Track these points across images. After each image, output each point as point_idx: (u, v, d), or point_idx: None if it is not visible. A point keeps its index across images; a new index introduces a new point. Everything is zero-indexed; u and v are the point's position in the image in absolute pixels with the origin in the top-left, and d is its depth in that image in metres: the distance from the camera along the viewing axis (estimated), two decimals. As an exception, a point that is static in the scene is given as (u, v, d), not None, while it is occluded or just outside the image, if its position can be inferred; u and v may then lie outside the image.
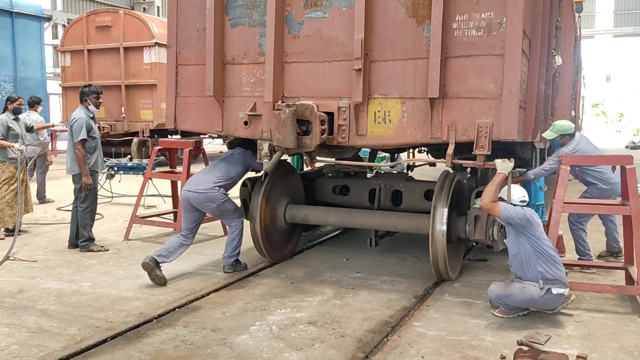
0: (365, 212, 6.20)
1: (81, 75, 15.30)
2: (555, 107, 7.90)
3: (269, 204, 6.10)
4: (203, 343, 4.07)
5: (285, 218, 6.27)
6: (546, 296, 4.48)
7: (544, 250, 4.52)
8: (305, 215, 6.29)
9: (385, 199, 6.55)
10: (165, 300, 5.00)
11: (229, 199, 5.84)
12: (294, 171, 6.75)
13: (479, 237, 5.33)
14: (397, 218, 5.97)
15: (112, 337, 4.16)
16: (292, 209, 6.31)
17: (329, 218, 6.24)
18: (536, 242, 4.53)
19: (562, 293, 4.51)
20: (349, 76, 5.01)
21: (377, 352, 3.99)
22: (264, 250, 6.05)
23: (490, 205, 4.54)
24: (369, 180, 7.03)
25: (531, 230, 4.55)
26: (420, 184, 6.58)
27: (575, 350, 3.94)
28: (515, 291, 4.55)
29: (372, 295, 5.23)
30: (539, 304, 4.54)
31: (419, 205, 6.36)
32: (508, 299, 4.56)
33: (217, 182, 5.69)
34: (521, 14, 4.46)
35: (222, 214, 5.87)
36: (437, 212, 5.24)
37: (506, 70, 4.52)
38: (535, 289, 4.49)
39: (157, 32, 14.70)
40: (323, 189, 7.06)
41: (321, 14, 5.12)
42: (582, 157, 5.55)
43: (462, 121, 4.71)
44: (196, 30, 5.59)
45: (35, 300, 4.93)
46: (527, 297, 4.50)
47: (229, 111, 5.54)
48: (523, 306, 4.59)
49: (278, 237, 6.34)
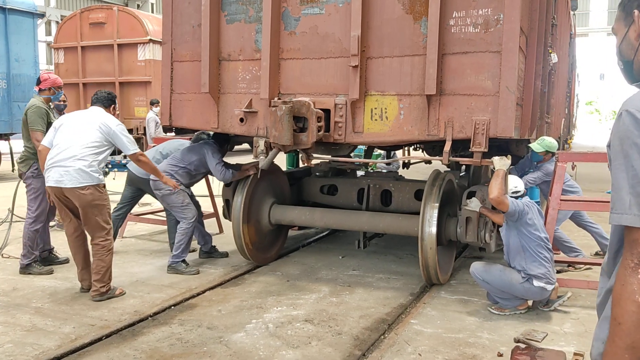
0: (352, 213, 6.02)
1: (75, 72, 15.19)
2: (551, 105, 7.91)
3: (253, 204, 5.93)
4: (199, 341, 4.05)
5: (270, 219, 6.11)
6: (526, 285, 4.53)
7: (531, 247, 4.54)
8: (291, 216, 6.11)
9: (375, 199, 6.37)
10: (161, 298, 4.97)
11: (181, 193, 5.69)
12: (280, 170, 6.53)
13: (470, 239, 5.16)
14: (385, 219, 5.76)
15: (107, 335, 4.13)
16: (277, 209, 6.13)
17: (314, 219, 6.04)
18: (524, 237, 4.55)
19: (544, 287, 4.52)
20: (346, 73, 4.98)
21: (374, 349, 3.98)
22: (247, 253, 5.87)
23: (501, 198, 4.48)
24: (357, 180, 6.81)
25: (524, 226, 4.55)
26: (410, 183, 6.39)
27: (572, 347, 3.95)
28: (495, 272, 4.64)
29: (369, 293, 5.21)
30: (518, 290, 4.57)
31: (409, 205, 6.18)
32: (487, 275, 4.64)
33: (165, 171, 5.63)
34: (518, 11, 4.44)
35: (168, 206, 5.81)
36: (427, 214, 5.08)
37: (503, 67, 4.51)
38: (517, 275, 4.56)
39: (152, 28, 14.62)
40: (310, 189, 6.89)
41: (317, 10, 5.09)
42: (579, 154, 5.55)
43: (459, 118, 4.69)
44: (191, 27, 5.55)
45: (29, 299, 4.89)
46: (507, 281, 4.57)
47: (224, 108, 5.51)
48: (501, 287, 4.62)
49: (262, 238, 6.15)
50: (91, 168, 4.76)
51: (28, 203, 5.64)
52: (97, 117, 4.92)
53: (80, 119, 4.95)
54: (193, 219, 5.74)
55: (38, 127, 5.50)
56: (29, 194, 5.62)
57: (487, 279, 4.67)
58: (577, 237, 6.83)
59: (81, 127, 4.86)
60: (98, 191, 4.81)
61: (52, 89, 5.75)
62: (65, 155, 4.74)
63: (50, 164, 4.80)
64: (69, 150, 4.75)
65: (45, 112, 5.59)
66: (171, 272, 5.67)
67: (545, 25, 6.00)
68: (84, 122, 4.89)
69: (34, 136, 5.49)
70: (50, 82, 5.73)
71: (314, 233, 7.72)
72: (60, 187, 4.73)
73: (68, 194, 4.75)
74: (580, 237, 6.81)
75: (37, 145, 5.44)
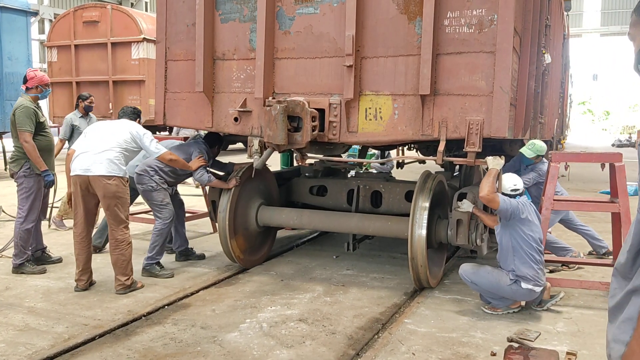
0: (341, 216, 5.90)
1: (68, 70, 15.13)
2: (544, 105, 7.94)
3: (239, 205, 5.80)
4: (193, 341, 4.04)
5: (257, 221, 6.00)
6: (514, 287, 4.54)
7: (522, 248, 4.54)
8: (278, 217, 5.98)
9: (365, 200, 6.27)
10: (154, 297, 4.96)
11: (162, 191, 5.66)
12: (268, 171, 6.38)
13: (461, 242, 5.10)
14: (374, 222, 5.63)
15: (101, 335, 4.12)
16: (265, 211, 6.01)
17: (302, 221, 5.92)
18: (517, 237, 4.55)
19: (532, 289, 4.53)
20: (340, 73, 4.99)
21: (368, 349, 3.98)
22: (233, 256, 5.73)
23: (491, 196, 4.50)
24: (347, 181, 6.68)
25: (518, 225, 4.55)
26: (401, 184, 6.28)
27: (565, 346, 3.96)
28: (483, 272, 4.66)
29: (363, 293, 5.22)
30: (506, 292, 4.58)
31: (400, 207, 6.08)
32: (475, 277, 4.66)
33: (151, 166, 5.63)
34: (512, 12, 4.46)
35: (148, 202, 5.81)
36: (417, 216, 4.99)
37: (497, 68, 4.52)
38: (505, 276, 4.58)
39: (145, 27, 14.57)
40: (299, 189, 6.77)
41: (312, 10, 5.09)
42: (572, 155, 5.58)
43: (453, 118, 4.71)
44: (186, 26, 5.54)
45: (22, 298, 4.87)
46: (494, 282, 4.59)
47: (219, 107, 5.50)
48: (490, 289, 4.63)
49: (249, 240, 6.02)
50: (119, 160, 5.00)
51: (19, 202, 5.60)
52: (127, 124, 5.27)
53: (111, 125, 5.29)
54: (169, 220, 5.64)
55: (27, 127, 5.42)
56: (20, 194, 5.58)
57: (475, 281, 4.68)
58: (568, 237, 6.86)
59: (112, 129, 5.16)
60: (122, 184, 5.01)
61: (39, 87, 5.63)
62: (95, 148, 4.98)
63: (77, 154, 5.02)
64: (100, 145, 4.99)
65: (34, 112, 5.49)
66: (145, 274, 5.53)
67: (539, 26, 6.02)
68: (115, 126, 5.23)
69: (22, 137, 5.42)
70: (37, 80, 5.60)
71: (308, 233, 7.72)
72: (88, 175, 4.90)
73: (93, 183, 4.91)
74: (572, 237, 6.84)
75: (26, 146, 5.40)
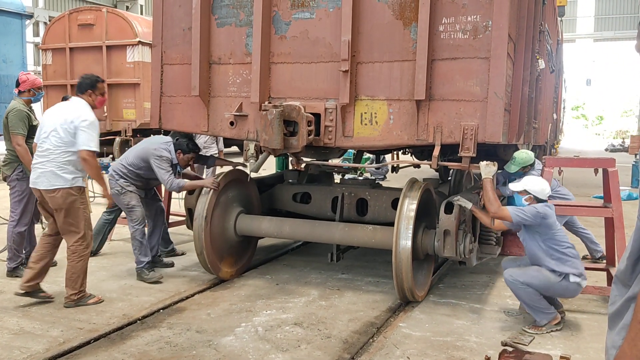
0: (324, 225, 5.58)
1: (63, 73, 15.08)
2: (538, 110, 7.99)
3: (217, 213, 5.55)
4: (188, 345, 4.04)
5: (236, 230, 5.76)
6: (564, 283, 4.36)
7: (559, 251, 4.40)
8: (258, 226, 5.71)
9: (350, 208, 5.98)
10: (149, 301, 4.96)
11: (129, 194, 5.60)
12: (248, 176, 5.95)
13: (448, 253, 4.85)
14: (359, 232, 5.35)
15: (96, 338, 4.12)
16: (244, 219, 5.76)
17: (283, 231, 5.66)
18: (542, 244, 4.42)
19: (579, 283, 4.39)
20: (336, 77, 5.01)
21: (363, 353, 4.00)
22: (209, 266, 5.46)
23: (500, 213, 4.42)
24: (332, 188, 6.33)
25: (543, 230, 4.41)
26: (387, 191, 5.98)
27: (559, 350, 3.99)
28: (531, 272, 4.41)
29: (358, 296, 5.23)
30: (556, 290, 4.41)
31: (386, 215, 5.80)
32: (526, 277, 4.38)
33: (115, 169, 5.61)
34: (507, 18, 4.49)
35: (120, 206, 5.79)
36: (402, 226, 4.78)
37: (492, 73, 4.56)
38: (551, 274, 4.37)
39: (141, 30, 14.55)
40: (282, 197, 6.46)
41: (308, 15, 5.11)
42: (565, 160, 5.61)
43: (448, 123, 4.73)
44: (182, 30, 5.55)
45: (17, 302, 4.85)
46: (544, 280, 4.36)
47: (214, 111, 5.51)
48: (539, 289, 4.38)
49: (227, 250, 5.76)
50: (61, 169, 4.63)
51: (12, 206, 5.59)
52: (66, 111, 4.69)
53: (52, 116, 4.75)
54: (137, 222, 5.60)
55: (20, 130, 5.41)
56: (13, 197, 5.56)
57: (527, 281, 4.37)
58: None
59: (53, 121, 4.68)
60: (71, 193, 4.64)
61: (31, 91, 5.62)
62: (41, 153, 4.68)
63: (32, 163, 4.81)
64: (43, 148, 4.68)
65: (27, 115, 5.49)
66: (138, 279, 5.56)
67: (533, 32, 6.06)
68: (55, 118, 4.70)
69: (15, 140, 5.41)
70: (30, 83, 5.59)
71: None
72: (37, 188, 4.71)
73: (43, 195, 4.71)
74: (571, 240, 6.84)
75: (18, 149, 5.39)
